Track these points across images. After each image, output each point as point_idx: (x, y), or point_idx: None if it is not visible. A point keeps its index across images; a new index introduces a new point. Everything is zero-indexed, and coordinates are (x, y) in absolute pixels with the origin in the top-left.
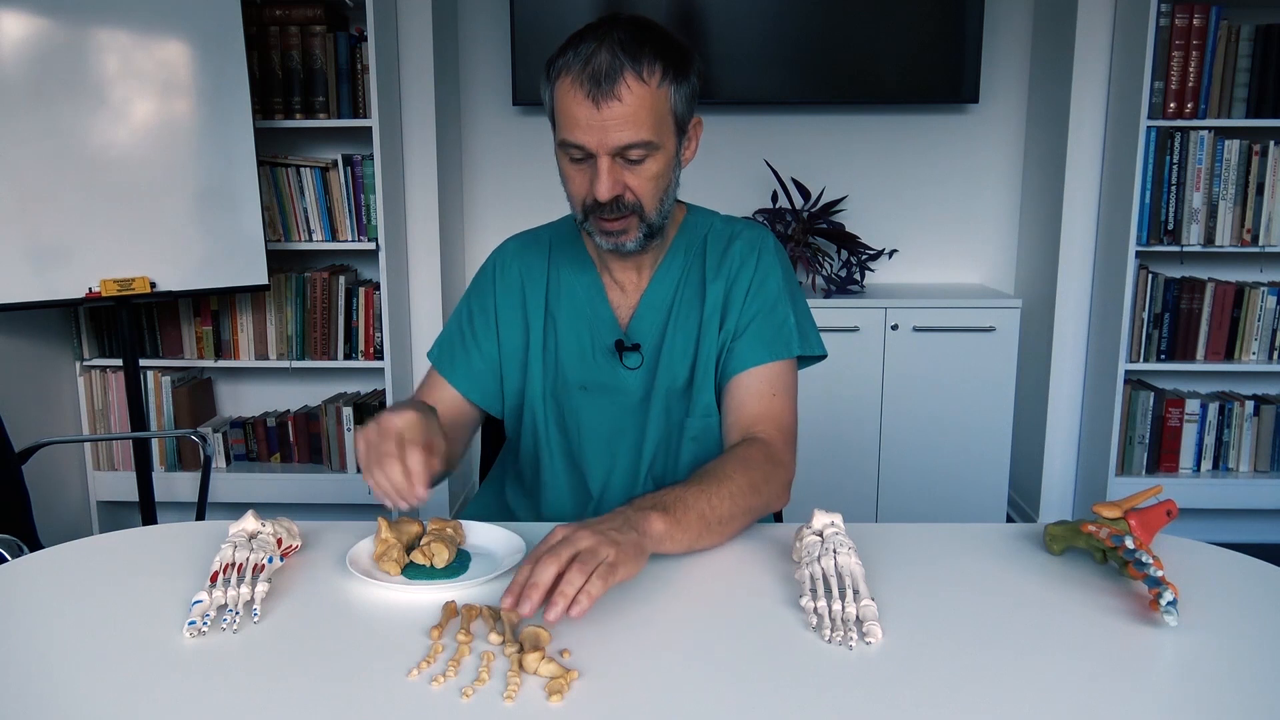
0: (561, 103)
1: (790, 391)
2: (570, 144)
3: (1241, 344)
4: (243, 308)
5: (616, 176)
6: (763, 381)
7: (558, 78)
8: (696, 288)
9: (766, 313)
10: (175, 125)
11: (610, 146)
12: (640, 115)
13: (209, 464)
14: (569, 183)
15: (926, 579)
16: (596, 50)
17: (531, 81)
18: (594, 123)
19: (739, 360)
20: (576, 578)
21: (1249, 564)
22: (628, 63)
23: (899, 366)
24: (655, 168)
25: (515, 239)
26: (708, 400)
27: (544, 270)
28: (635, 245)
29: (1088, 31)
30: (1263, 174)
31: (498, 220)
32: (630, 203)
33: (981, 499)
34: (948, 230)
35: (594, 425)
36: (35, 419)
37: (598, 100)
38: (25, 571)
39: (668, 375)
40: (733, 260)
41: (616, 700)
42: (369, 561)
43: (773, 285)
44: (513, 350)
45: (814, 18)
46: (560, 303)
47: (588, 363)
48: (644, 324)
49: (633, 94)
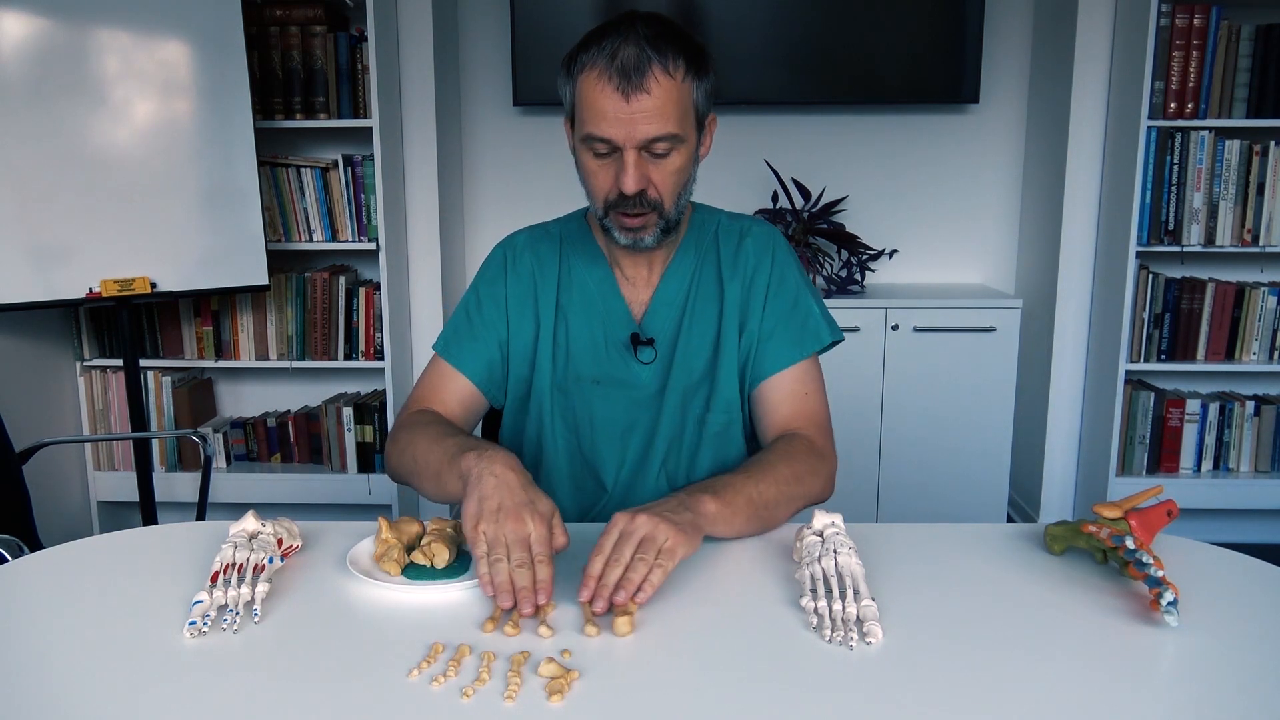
0: (587, 96)
1: (820, 385)
2: (596, 138)
3: (1242, 344)
4: (243, 308)
5: (642, 170)
6: (794, 382)
7: (581, 72)
8: (713, 284)
9: (789, 310)
10: (175, 125)
11: (638, 139)
12: (667, 108)
13: (209, 464)
14: (591, 178)
15: (926, 579)
16: (622, 44)
17: (532, 81)
18: (622, 115)
19: (770, 363)
20: (640, 569)
21: (1249, 564)
22: (655, 56)
23: (899, 367)
24: (678, 161)
25: (524, 233)
26: (729, 397)
27: (555, 263)
28: (653, 241)
29: (1088, 32)
30: (1263, 174)
31: (498, 220)
32: (653, 199)
33: (981, 499)
34: (948, 230)
35: (607, 419)
36: (35, 419)
37: (627, 93)
38: (25, 571)
39: (684, 370)
40: (747, 258)
41: (616, 700)
42: (369, 561)
43: (791, 281)
44: (522, 341)
45: (814, 18)
46: (572, 296)
47: (600, 357)
48: (658, 319)
49: (660, 87)
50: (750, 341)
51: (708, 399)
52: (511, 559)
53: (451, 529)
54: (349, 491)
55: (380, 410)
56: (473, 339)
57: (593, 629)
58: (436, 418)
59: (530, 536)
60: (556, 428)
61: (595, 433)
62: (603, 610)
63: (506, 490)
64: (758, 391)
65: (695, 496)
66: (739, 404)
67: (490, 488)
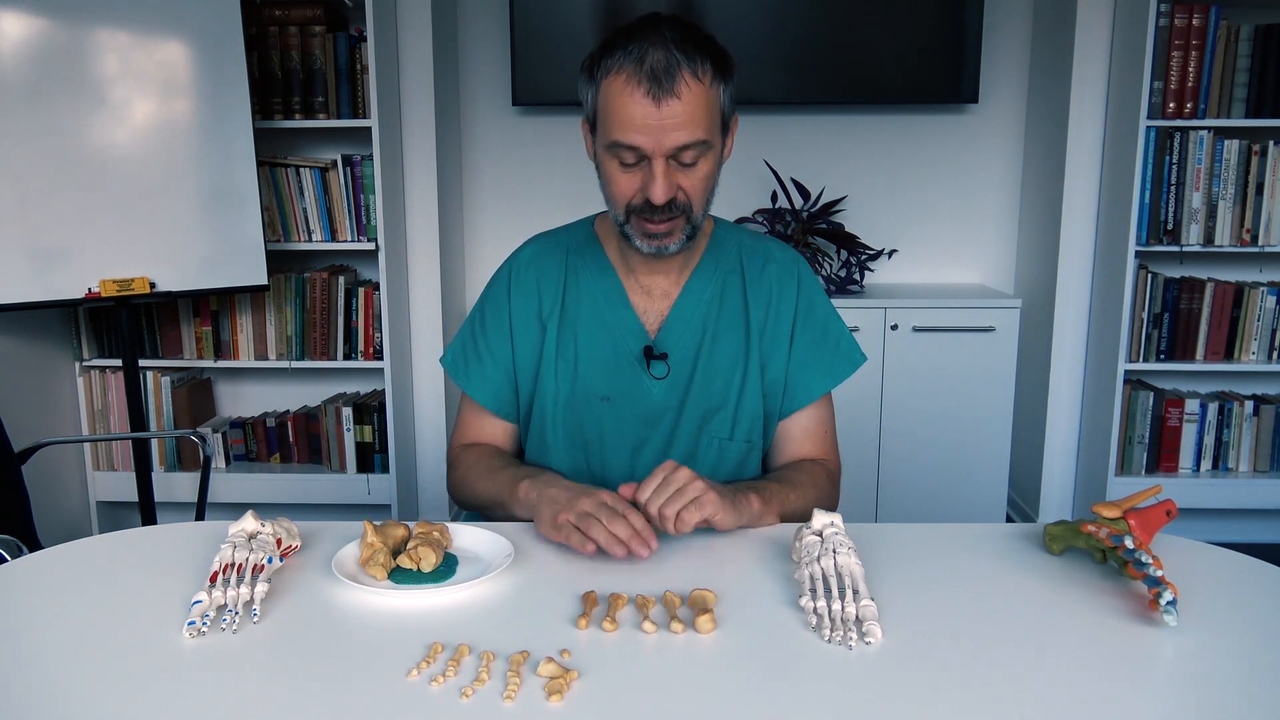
0: (615, 102)
1: (833, 420)
2: (624, 145)
3: (1241, 344)
4: (242, 308)
5: (671, 179)
6: (814, 421)
7: (606, 77)
8: (738, 308)
9: (820, 338)
10: (175, 125)
11: (668, 148)
12: (697, 114)
13: (209, 464)
14: (613, 184)
15: (926, 579)
16: (650, 49)
17: (531, 82)
18: (652, 122)
19: (804, 394)
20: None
21: (1249, 564)
22: (684, 60)
23: (899, 366)
24: (707, 168)
25: (530, 245)
26: (754, 425)
27: (560, 276)
28: (677, 248)
29: (1087, 31)
30: (1262, 174)
31: (497, 220)
32: (682, 204)
33: (981, 499)
34: (947, 230)
35: (617, 436)
36: (35, 419)
37: (658, 98)
38: (25, 571)
39: (704, 391)
40: (770, 285)
41: (616, 700)
42: (355, 566)
43: (820, 309)
44: (528, 359)
45: (814, 18)
46: (580, 310)
47: (610, 372)
48: (674, 334)
49: (691, 92)
50: (779, 372)
51: (732, 425)
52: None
53: (437, 533)
54: (348, 492)
55: (380, 410)
56: (481, 367)
57: (650, 625)
58: (486, 451)
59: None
60: (559, 444)
61: (605, 450)
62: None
63: (565, 492)
64: (784, 423)
65: (743, 493)
66: (760, 432)
67: (549, 497)
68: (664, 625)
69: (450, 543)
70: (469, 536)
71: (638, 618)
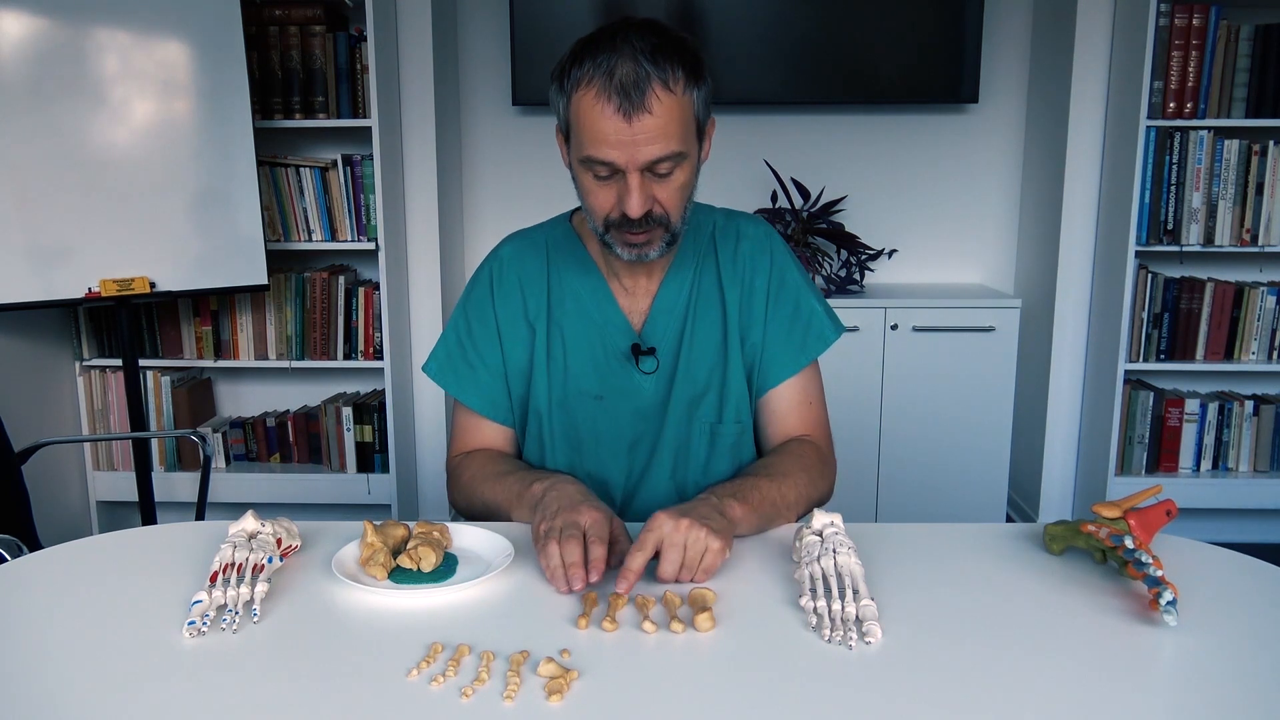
0: (586, 118)
1: (821, 388)
2: (596, 161)
3: (1241, 344)
4: (242, 308)
5: (646, 192)
6: (798, 391)
7: (576, 90)
8: (714, 290)
9: (792, 315)
10: (175, 125)
11: (640, 162)
12: (670, 127)
13: (209, 464)
14: (590, 197)
15: (926, 579)
16: (619, 61)
17: (531, 81)
18: (624, 138)
19: (777, 371)
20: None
21: (1249, 564)
22: (654, 72)
23: (899, 366)
24: (683, 177)
25: (509, 244)
26: (740, 406)
27: (544, 275)
28: (658, 254)
29: (1087, 31)
30: (1262, 174)
31: (497, 220)
32: (658, 215)
33: (981, 499)
34: (947, 230)
35: (611, 434)
36: (35, 419)
37: (628, 114)
38: (25, 571)
39: (688, 379)
40: (744, 261)
41: (616, 700)
42: (355, 566)
43: (791, 283)
44: (518, 361)
45: (814, 18)
46: (565, 309)
47: (600, 370)
48: (658, 327)
49: (662, 104)
50: (755, 350)
51: (719, 409)
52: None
53: (437, 533)
54: (348, 491)
55: (380, 410)
56: (473, 374)
57: (650, 625)
58: (490, 456)
59: (584, 521)
60: (556, 444)
61: (600, 448)
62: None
63: (565, 498)
64: (764, 399)
65: (725, 502)
66: (749, 412)
67: (551, 498)
68: (664, 625)
69: (450, 543)
70: (469, 536)
71: (637, 617)
